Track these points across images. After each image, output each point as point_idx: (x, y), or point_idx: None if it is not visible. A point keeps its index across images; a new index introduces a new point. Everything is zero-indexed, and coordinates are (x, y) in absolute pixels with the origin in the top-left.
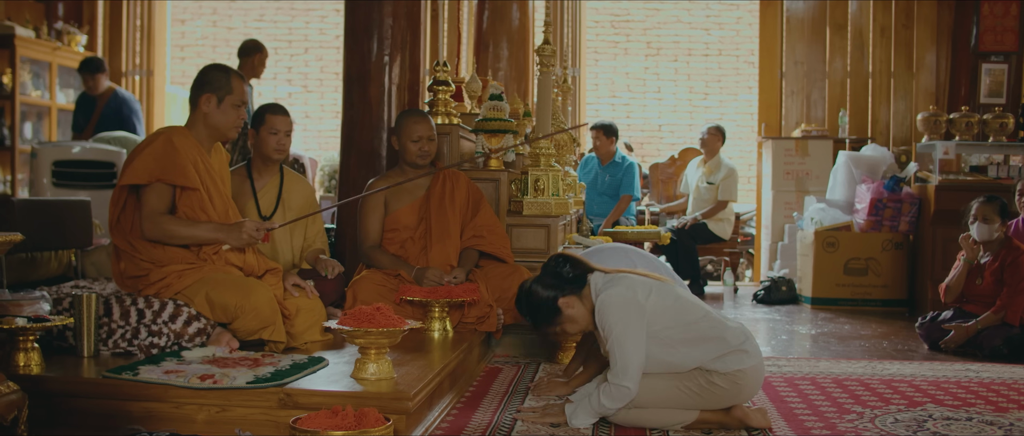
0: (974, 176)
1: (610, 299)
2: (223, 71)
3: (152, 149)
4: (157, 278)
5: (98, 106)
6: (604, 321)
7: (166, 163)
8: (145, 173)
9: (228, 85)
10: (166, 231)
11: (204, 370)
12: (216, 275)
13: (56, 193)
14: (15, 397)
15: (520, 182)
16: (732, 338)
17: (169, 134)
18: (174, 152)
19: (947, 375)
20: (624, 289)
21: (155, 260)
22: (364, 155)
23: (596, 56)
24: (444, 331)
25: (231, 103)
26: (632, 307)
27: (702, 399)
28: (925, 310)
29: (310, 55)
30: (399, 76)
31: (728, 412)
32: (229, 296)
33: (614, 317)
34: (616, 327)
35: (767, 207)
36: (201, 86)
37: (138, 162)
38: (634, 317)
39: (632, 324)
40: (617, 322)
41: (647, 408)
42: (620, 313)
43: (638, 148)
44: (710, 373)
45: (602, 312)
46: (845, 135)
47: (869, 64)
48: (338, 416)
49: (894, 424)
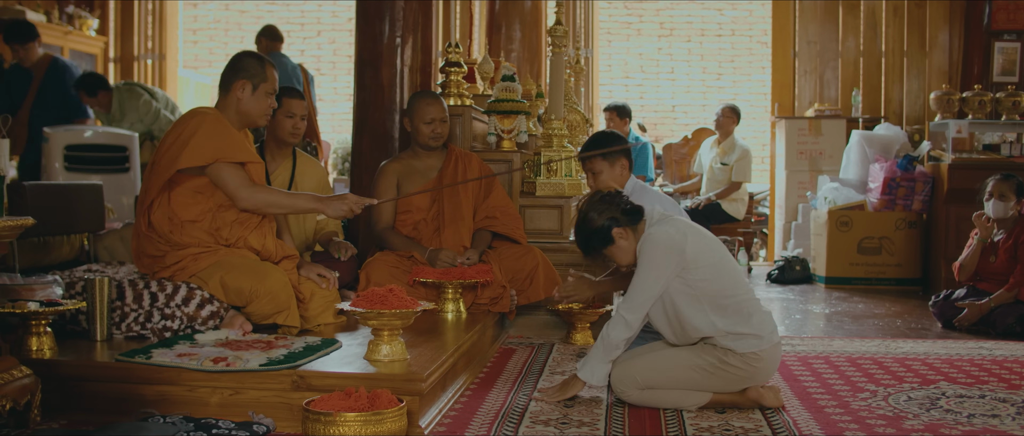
0: (987, 155)
1: (657, 235)
2: (258, 59)
3: (205, 130)
4: (173, 261)
5: (35, 79)
6: (641, 251)
7: (223, 142)
8: (206, 153)
9: (263, 73)
10: (266, 200)
11: (217, 353)
12: (231, 259)
13: (68, 177)
14: (28, 381)
15: (532, 163)
16: (757, 323)
17: (211, 114)
18: (227, 130)
19: (961, 353)
20: (674, 231)
21: (173, 243)
22: (377, 137)
23: (609, 37)
24: (457, 312)
25: (264, 91)
26: (673, 252)
27: (716, 380)
28: (939, 289)
29: (323, 38)
30: (411, 58)
31: (743, 393)
32: (244, 280)
33: (650, 253)
34: (646, 262)
35: (780, 187)
36: (235, 72)
37: (194, 144)
38: (667, 261)
39: (661, 267)
40: (651, 259)
41: (660, 389)
42: (657, 252)
43: (651, 129)
44: (726, 352)
45: (645, 243)
46: (858, 114)
47: (882, 43)
48: (351, 398)
49: (907, 402)
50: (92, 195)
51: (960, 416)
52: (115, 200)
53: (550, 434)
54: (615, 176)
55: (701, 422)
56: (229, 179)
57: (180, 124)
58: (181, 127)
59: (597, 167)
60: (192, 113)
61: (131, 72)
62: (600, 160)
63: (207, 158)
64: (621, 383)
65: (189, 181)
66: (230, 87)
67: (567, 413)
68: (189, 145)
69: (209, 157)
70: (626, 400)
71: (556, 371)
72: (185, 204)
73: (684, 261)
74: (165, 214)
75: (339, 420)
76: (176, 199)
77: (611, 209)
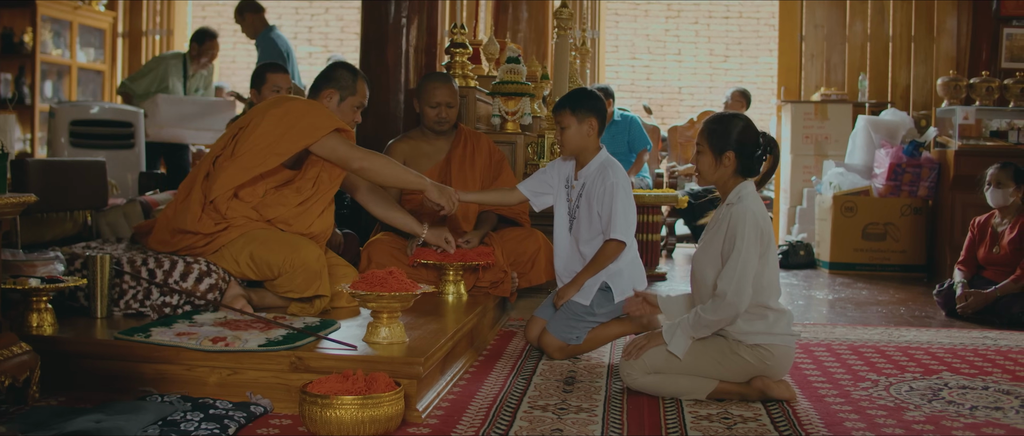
0: (994, 141)
1: (755, 213)
2: (352, 72)
3: (316, 105)
4: (204, 242)
5: None
6: (737, 229)
7: (329, 113)
8: (324, 125)
9: (353, 87)
10: (378, 165)
11: (216, 333)
12: (260, 232)
13: (73, 153)
14: (27, 358)
15: (537, 145)
16: (773, 321)
17: (307, 99)
18: (321, 105)
19: (964, 342)
20: (764, 211)
21: (215, 218)
22: (381, 118)
23: (616, 18)
24: (458, 295)
25: (351, 104)
26: (766, 234)
27: (723, 368)
28: (943, 276)
29: (330, 15)
30: (416, 38)
31: (749, 384)
32: (275, 254)
33: (750, 234)
34: (746, 243)
35: (786, 171)
36: (327, 80)
37: (311, 117)
38: (760, 242)
39: (755, 249)
40: (750, 240)
41: (667, 374)
42: (755, 233)
43: (657, 111)
44: (736, 343)
45: (740, 218)
46: (865, 99)
47: (889, 28)
48: (348, 381)
49: (909, 393)
50: (95, 171)
51: (962, 408)
52: (120, 176)
53: (548, 419)
54: (582, 134)
55: (699, 410)
56: (339, 145)
57: (278, 106)
58: (284, 110)
59: (565, 121)
60: (278, 98)
61: (139, 47)
62: (569, 115)
63: (326, 129)
64: (628, 367)
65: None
66: (318, 94)
67: (566, 398)
68: (301, 124)
69: (327, 128)
70: (632, 385)
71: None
72: (251, 189)
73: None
74: (236, 197)
75: (336, 403)
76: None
77: (752, 143)
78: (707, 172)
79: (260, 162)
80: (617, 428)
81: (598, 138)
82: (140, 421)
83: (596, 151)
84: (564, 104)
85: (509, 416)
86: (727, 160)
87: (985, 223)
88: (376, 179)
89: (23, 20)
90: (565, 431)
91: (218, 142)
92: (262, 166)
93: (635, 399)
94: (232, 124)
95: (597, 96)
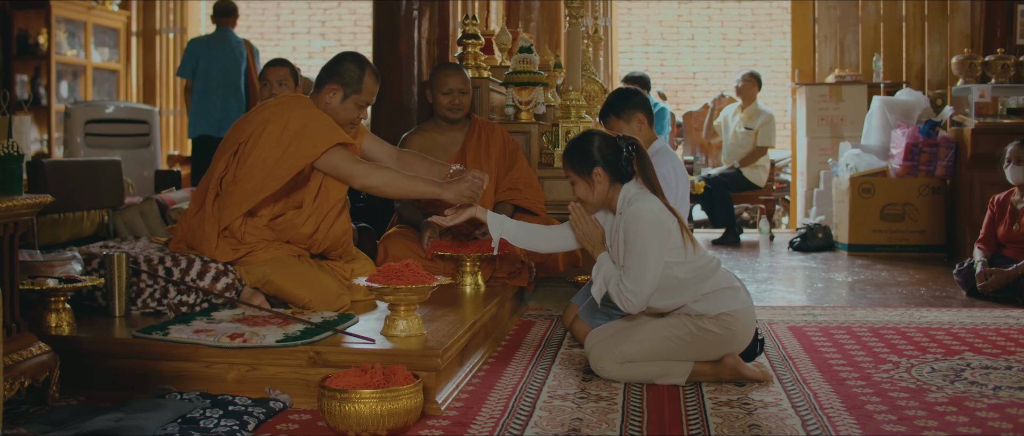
0: (1011, 118)
1: (643, 213)
2: (359, 66)
3: (315, 115)
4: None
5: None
6: (630, 231)
7: (327, 125)
8: (323, 141)
9: (359, 84)
10: (384, 179)
11: (234, 329)
12: (283, 265)
13: (89, 152)
14: (47, 358)
15: (551, 134)
16: (722, 278)
17: (306, 103)
18: (325, 116)
19: (986, 322)
20: (657, 209)
21: (233, 243)
22: (394, 109)
23: (629, 4)
24: (475, 286)
25: (355, 102)
26: (661, 228)
27: (694, 348)
28: (963, 255)
29: (343, 9)
30: (428, 30)
31: (720, 363)
32: (296, 290)
33: (643, 232)
34: (639, 242)
35: (802, 154)
36: (331, 74)
37: (310, 133)
38: (659, 238)
39: (654, 244)
40: (644, 237)
41: (640, 362)
42: (649, 230)
43: (672, 96)
44: (700, 318)
45: (632, 222)
46: (879, 80)
47: (903, 7)
48: (367, 374)
49: (931, 374)
50: (111, 171)
51: (986, 388)
52: (136, 174)
53: (568, 409)
54: (633, 132)
55: (720, 395)
56: (340, 161)
57: (283, 114)
58: (287, 119)
59: (612, 125)
60: (281, 102)
61: (153, 46)
62: (615, 119)
63: (331, 142)
64: (600, 360)
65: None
66: (321, 88)
67: (585, 387)
68: (304, 135)
69: (332, 140)
70: (605, 376)
71: (574, 344)
72: (263, 206)
73: (668, 239)
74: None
75: (354, 397)
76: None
77: (613, 151)
78: (587, 196)
79: (261, 187)
80: (637, 416)
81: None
82: (159, 419)
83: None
84: (608, 107)
85: (529, 406)
86: (598, 176)
87: (1004, 201)
88: (384, 195)
89: (38, 21)
90: (585, 420)
91: (221, 158)
92: (265, 191)
93: (655, 388)
94: (233, 133)
95: (635, 91)
